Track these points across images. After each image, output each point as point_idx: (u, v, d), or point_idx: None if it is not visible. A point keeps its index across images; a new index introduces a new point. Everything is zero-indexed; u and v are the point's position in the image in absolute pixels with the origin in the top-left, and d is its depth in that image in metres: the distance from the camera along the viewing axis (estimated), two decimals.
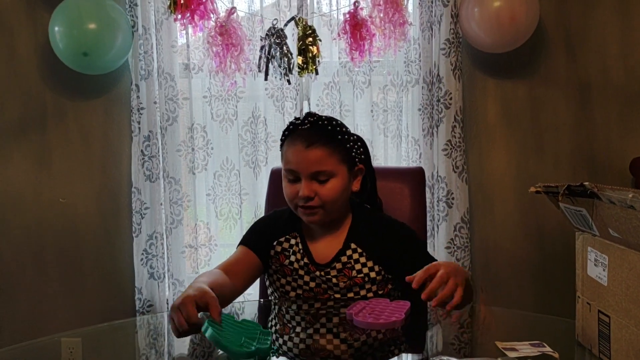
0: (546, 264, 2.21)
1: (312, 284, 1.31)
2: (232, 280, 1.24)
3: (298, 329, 1.15)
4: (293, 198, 1.28)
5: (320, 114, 1.32)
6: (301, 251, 1.33)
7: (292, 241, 1.34)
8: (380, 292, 1.31)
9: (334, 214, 1.32)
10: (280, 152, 1.36)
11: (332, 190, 1.26)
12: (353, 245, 1.31)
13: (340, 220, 1.34)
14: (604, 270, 0.87)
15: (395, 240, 1.31)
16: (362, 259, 1.30)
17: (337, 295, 1.30)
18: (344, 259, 1.30)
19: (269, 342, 0.96)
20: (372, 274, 1.30)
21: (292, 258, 1.33)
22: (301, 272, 1.32)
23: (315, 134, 1.26)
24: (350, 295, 1.30)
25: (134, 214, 2.07)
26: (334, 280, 1.29)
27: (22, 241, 2.13)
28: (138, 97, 2.04)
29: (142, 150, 2.05)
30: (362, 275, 1.29)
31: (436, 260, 1.22)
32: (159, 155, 2.07)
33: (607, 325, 0.86)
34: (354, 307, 1.12)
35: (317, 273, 1.30)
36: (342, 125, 1.32)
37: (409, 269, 1.14)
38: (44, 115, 2.12)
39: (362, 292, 1.30)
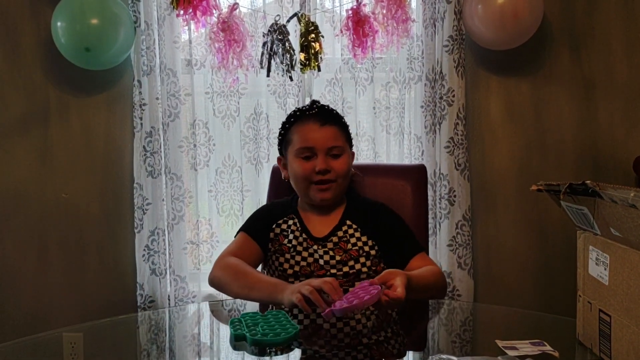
0: (548, 262, 2.21)
1: (310, 259, 1.37)
2: None
3: (295, 311, 1.16)
4: (308, 174, 1.39)
5: (322, 103, 1.47)
6: (299, 229, 1.41)
7: (290, 222, 1.43)
8: (374, 268, 1.38)
9: (342, 191, 1.43)
10: (279, 145, 1.47)
11: (344, 164, 1.41)
12: (348, 222, 1.42)
13: (337, 202, 1.45)
14: (605, 269, 0.86)
15: (385, 219, 1.43)
16: (357, 234, 1.40)
17: (333, 271, 1.36)
18: (340, 233, 1.40)
19: (295, 329, 1.00)
20: (366, 248, 1.39)
21: (291, 236, 1.41)
22: (299, 248, 1.39)
23: (326, 114, 1.43)
24: (345, 269, 1.36)
25: (135, 210, 2.07)
26: (331, 252, 1.37)
27: (24, 236, 2.14)
28: (140, 92, 2.04)
29: (144, 146, 2.05)
30: (357, 248, 1.38)
31: (415, 241, 1.42)
32: (160, 151, 2.07)
33: (608, 325, 0.86)
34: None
35: (315, 247, 1.38)
36: None
37: (397, 246, 1.38)
38: (46, 110, 2.13)
39: (357, 266, 1.36)
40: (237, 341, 1.00)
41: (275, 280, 1.27)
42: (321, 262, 1.36)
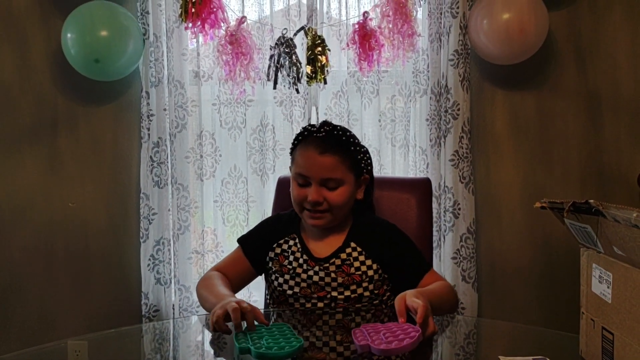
0: (552, 276, 2.20)
1: (310, 281, 1.34)
2: (230, 281, 1.37)
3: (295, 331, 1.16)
4: (301, 201, 1.34)
5: (335, 124, 1.37)
6: (300, 250, 1.37)
7: (291, 242, 1.40)
8: (376, 292, 1.35)
9: (339, 219, 1.37)
10: (290, 157, 1.42)
11: (340, 196, 1.33)
12: (353, 244, 1.36)
13: (341, 223, 1.39)
14: (608, 287, 0.87)
15: (392, 241, 1.37)
16: (362, 257, 1.35)
17: (334, 293, 1.33)
18: (343, 255, 1.35)
19: (299, 342, 1.00)
20: (370, 272, 1.34)
21: (291, 258, 1.38)
22: (299, 270, 1.36)
23: (329, 142, 1.32)
24: (347, 293, 1.33)
25: (141, 220, 2.09)
26: (332, 274, 1.33)
27: (31, 244, 2.15)
28: (148, 103, 2.06)
29: (151, 157, 2.07)
30: (360, 272, 1.33)
31: (424, 259, 1.38)
32: (167, 162, 2.09)
33: (611, 343, 0.86)
34: (359, 336, 1.03)
35: (316, 268, 1.34)
36: (354, 136, 1.38)
37: (404, 269, 1.34)
38: (55, 120, 2.15)
39: (359, 290, 1.33)
40: (242, 354, 1.01)
41: (223, 294, 1.24)
42: (322, 283, 1.33)
